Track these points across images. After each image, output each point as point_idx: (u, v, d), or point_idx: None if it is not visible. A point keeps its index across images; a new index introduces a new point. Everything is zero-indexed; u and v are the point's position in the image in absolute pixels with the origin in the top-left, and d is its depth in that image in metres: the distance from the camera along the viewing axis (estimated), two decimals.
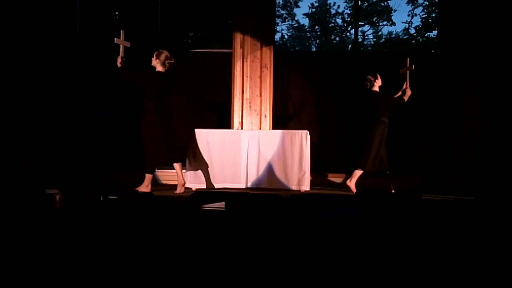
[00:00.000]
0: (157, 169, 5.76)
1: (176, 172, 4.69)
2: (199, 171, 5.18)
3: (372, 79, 4.93)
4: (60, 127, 5.73)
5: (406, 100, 4.97)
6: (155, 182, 5.60)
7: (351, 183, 4.92)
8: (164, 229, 2.72)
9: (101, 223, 2.83)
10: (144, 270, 1.84)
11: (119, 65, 4.44)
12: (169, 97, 4.67)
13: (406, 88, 5.01)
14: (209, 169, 5.19)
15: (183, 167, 4.86)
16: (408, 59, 5.04)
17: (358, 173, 4.91)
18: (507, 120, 5.40)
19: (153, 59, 4.55)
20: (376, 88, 4.95)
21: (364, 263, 2.03)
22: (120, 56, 4.46)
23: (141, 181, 4.60)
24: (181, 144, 5.52)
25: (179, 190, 4.69)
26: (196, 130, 5.27)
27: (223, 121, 6.24)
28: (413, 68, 4.99)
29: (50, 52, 5.40)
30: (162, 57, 4.52)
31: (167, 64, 4.53)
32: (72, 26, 6.23)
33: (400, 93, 5.07)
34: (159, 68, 4.54)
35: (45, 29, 5.26)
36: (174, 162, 4.65)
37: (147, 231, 2.62)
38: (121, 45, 4.52)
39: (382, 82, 4.96)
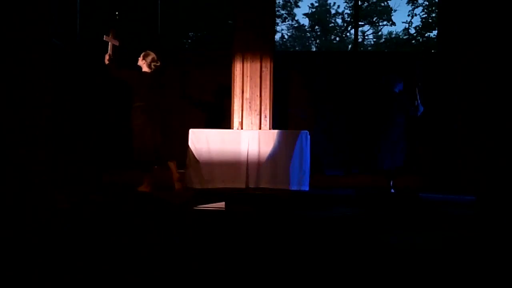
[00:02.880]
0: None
1: (171, 169, 4.70)
2: (199, 171, 5.18)
3: (388, 80, 4.96)
4: (60, 127, 5.73)
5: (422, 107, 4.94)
6: (155, 182, 5.60)
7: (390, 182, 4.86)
8: (163, 229, 2.72)
9: (101, 223, 2.83)
10: (144, 270, 1.84)
11: (106, 62, 4.46)
12: (160, 97, 4.69)
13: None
14: (209, 169, 5.18)
15: (182, 167, 4.87)
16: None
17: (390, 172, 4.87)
18: (507, 119, 5.39)
19: (140, 59, 4.59)
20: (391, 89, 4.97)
21: (364, 262, 2.03)
22: (108, 54, 4.48)
23: (141, 181, 4.60)
24: (180, 144, 5.53)
25: (177, 186, 4.70)
26: (196, 130, 5.26)
27: (223, 121, 6.24)
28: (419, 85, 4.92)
29: (50, 53, 5.39)
30: (149, 58, 4.56)
31: (153, 66, 4.57)
32: (72, 26, 6.23)
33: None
34: (145, 69, 4.58)
35: (45, 30, 5.26)
36: (168, 161, 4.68)
37: (146, 231, 2.63)
38: (109, 43, 4.53)
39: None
